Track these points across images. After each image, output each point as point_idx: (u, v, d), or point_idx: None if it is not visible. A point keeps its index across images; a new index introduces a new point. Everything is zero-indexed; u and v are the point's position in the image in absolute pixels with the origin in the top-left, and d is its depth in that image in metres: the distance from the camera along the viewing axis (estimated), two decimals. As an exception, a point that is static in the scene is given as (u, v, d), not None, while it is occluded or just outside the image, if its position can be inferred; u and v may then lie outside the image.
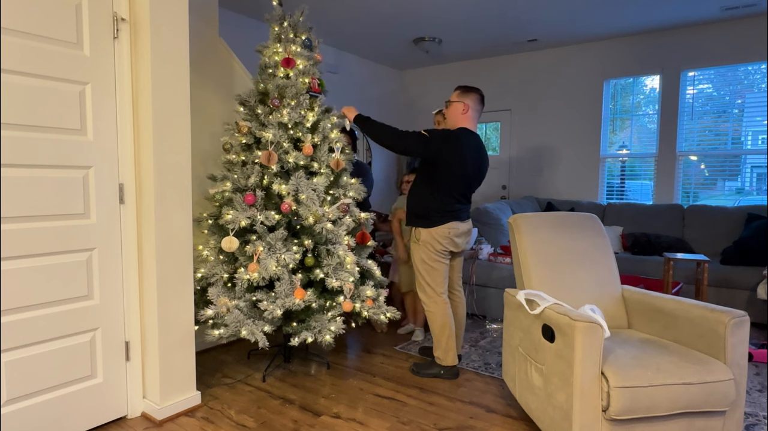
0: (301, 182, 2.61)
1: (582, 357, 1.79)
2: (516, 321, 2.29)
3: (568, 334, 1.83)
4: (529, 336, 2.15)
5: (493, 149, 6.35)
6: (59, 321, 2.04)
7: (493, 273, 3.80)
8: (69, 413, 2.10)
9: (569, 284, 2.36)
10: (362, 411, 2.40)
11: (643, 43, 5.09)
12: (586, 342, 1.79)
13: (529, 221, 2.44)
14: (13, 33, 1.86)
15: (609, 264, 2.47)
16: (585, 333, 1.78)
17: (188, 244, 2.36)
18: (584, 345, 1.79)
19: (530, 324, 2.13)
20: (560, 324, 1.88)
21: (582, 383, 1.79)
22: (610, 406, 1.77)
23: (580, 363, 1.79)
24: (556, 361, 1.91)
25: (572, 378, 1.80)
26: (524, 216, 2.46)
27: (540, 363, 2.04)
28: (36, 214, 1.96)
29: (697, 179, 5.03)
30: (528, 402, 2.16)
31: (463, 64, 6.28)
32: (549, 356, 1.96)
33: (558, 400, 1.89)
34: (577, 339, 1.79)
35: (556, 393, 1.90)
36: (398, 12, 4.48)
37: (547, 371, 1.98)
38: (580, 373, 1.79)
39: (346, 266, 2.64)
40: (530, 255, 2.36)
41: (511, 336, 2.34)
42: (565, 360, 1.85)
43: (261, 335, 2.49)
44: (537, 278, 2.33)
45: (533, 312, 2.07)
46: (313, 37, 2.88)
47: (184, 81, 2.29)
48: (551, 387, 1.94)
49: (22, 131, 1.91)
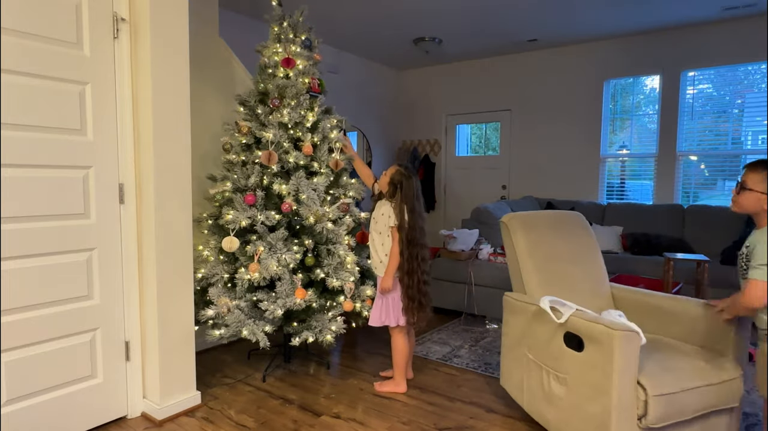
0: (302, 182, 2.61)
1: (621, 367, 1.70)
2: (521, 327, 2.20)
3: (604, 343, 1.73)
4: (545, 343, 2.03)
5: (493, 149, 6.35)
6: (59, 321, 2.04)
7: (493, 273, 3.80)
8: (69, 413, 2.10)
9: (565, 283, 2.32)
10: (362, 411, 2.40)
11: (643, 43, 5.09)
12: (626, 351, 1.70)
13: (523, 220, 2.37)
14: (13, 33, 1.86)
15: (598, 262, 2.49)
16: (624, 342, 1.69)
17: (188, 244, 2.36)
18: (624, 354, 1.70)
19: (548, 331, 2.02)
20: (593, 333, 1.78)
21: (620, 393, 1.71)
22: (647, 414, 1.72)
23: (619, 373, 1.70)
24: (587, 371, 1.81)
25: (610, 388, 1.71)
26: (517, 216, 2.39)
27: (562, 372, 1.93)
28: (36, 214, 1.96)
29: (697, 179, 5.03)
30: (543, 412, 2.05)
31: (463, 64, 6.28)
32: (575, 365, 1.86)
33: (589, 411, 1.80)
34: (616, 348, 1.69)
35: (587, 403, 1.81)
36: (398, 12, 4.48)
37: (572, 381, 1.87)
38: (617, 383, 1.70)
39: (347, 265, 2.64)
40: (528, 256, 2.29)
41: (516, 342, 2.25)
42: (599, 370, 1.75)
43: (262, 335, 2.49)
44: (536, 280, 2.26)
45: (559, 321, 1.93)
46: (313, 37, 2.88)
47: (184, 81, 2.29)
48: (579, 398, 1.85)
49: (22, 131, 1.91)
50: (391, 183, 2.49)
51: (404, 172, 2.49)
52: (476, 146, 6.63)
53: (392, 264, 2.46)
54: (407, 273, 2.45)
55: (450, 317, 3.96)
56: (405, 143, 6.85)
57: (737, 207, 1.89)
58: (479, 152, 6.57)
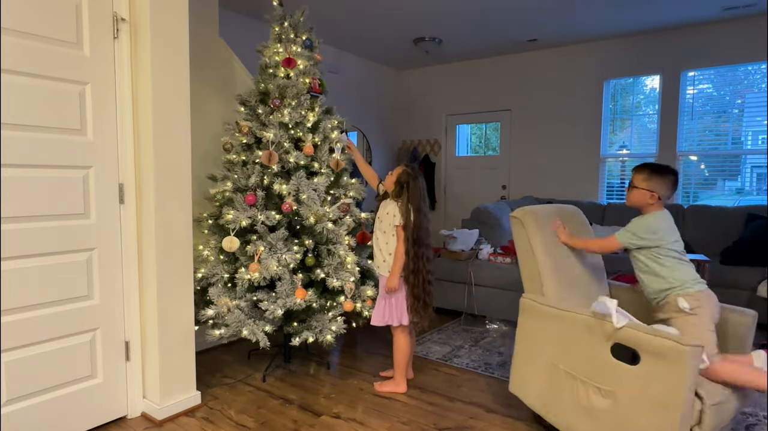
0: (302, 182, 2.61)
1: (689, 382, 1.64)
2: (547, 333, 2.07)
3: (669, 358, 1.66)
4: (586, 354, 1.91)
5: (493, 149, 6.35)
6: (59, 321, 2.04)
7: (493, 273, 3.79)
8: (69, 413, 2.10)
9: (573, 280, 2.25)
10: (362, 411, 2.39)
11: (643, 43, 5.09)
12: (694, 366, 1.64)
13: (536, 215, 2.24)
14: (13, 33, 1.86)
15: (598, 258, 2.49)
16: (692, 357, 1.63)
17: (188, 244, 2.36)
18: (692, 369, 1.64)
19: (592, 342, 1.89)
20: (657, 347, 1.69)
21: (685, 408, 1.66)
22: (702, 424, 1.70)
23: (687, 389, 1.64)
24: (644, 385, 1.73)
25: (676, 403, 1.65)
26: (530, 211, 2.26)
27: (607, 385, 1.82)
28: (36, 214, 1.95)
29: (697, 179, 5.03)
30: (575, 425, 1.94)
31: (463, 64, 6.28)
32: (627, 379, 1.77)
33: (640, 425, 1.73)
34: (686, 364, 1.63)
35: (638, 417, 1.74)
36: (398, 12, 4.48)
37: (622, 394, 1.78)
38: (684, 398, 1.64)
39: (347, 265, 2.64)
40: (546, 254, 2.17)
41: (537, 350, 2.11)
42: (660, 384, 1.68)
43: (262, 335, 2.49)
44: (556, 281, 2.15)
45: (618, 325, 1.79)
46: (314, 37, 2.88)
47: (184, 81, 2.29)
48: (628, 412, 1.77)
49: (22, 131, 1.91)
50: (397, 183, 2.50)
51: (411, 172, 2.51)
52: (476, 146, 6.64)
53: (398, 263, 2.46)
54: (413, 272, 2.46)
55: (450, 317, 3.96)
56: (405, 143, 6.85)
57: (628, 202, 2.22)
58: (479, 152, 6.57)
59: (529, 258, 2.21)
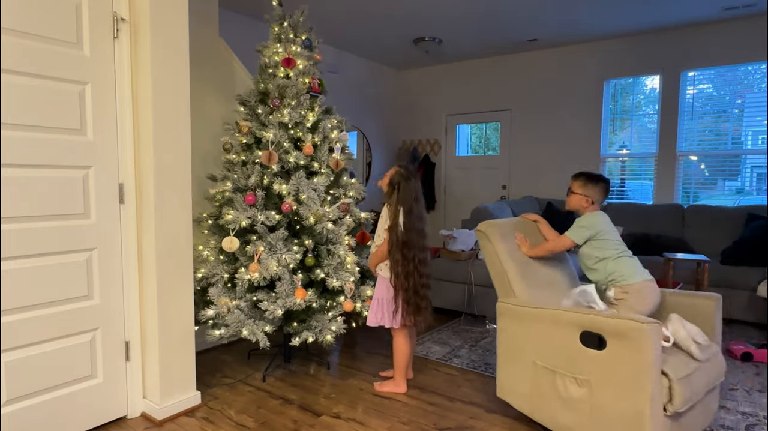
0: (302, 182, 2.61)
1: (653, 360, 1.69)
2: (526, 333, 2.13)
3: (632, 338, 1.71)
4: (559, 346, 1.98)
5: (493, 149, 6.35)
6: (59, 321, 2.04)
7: (493, 273, 3.80)
8: (69, 413, 2.10)
9: (541, 282, 2.36)
10: (362, 411, 2.40)
11: (643, 43, 5.09)
12: (655, 342, 1.69)
13: (500, 227, 2.39)
14: (13, 33, 1.86)
15: (567, 259, 2.59)
16: (654, 334, 1.68)
17: (188, 244, 2.36)
18: (654, 346, 1.68)
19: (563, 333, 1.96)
20: (620, 329, 1.75)
21: (653, 386, 1.70)
22: (673, 400, 1.75)
23: (652, 366, 1.69)
24: (613, 369, 1.78)
25: (644, 382, 1.70)
26: (493, 224, 2.39)
27: (582, 374, 1.89)
28: (36, 214, 1.96)
29: (697, 179, 5.03)
30: (559, 418, 1.99)
31: (463, 64, 6.28)
32: (597, 365, 1.83)
33: (616, 410, 1.78)
34: (647, 342, 1.68)
35: (613, 403, 1.79)
36: (398, 12, 4.48)
37: (596, 381, 1.84)
38: (652, 376, 1.69)
39: (347, 265, 2.64)
40: (511, 259, 2.31)
41: (518, 350, 2.17)
42: (627, 366, 1.74)
43: (262, 335, 2.49)
44: (524, 283, 2.26)
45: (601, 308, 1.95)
46: (313, 37, 2.88)
47: (184, 81, 2.29)
48: (603, 399, 1.82)
49: (22, 131, 1.91)
50: (389, 184, 2.48)
51: (403, 173, 2.47)
52: (476, 146, 6.63)
53: (373, 259, 2.54)
54: (404, 276, 2.40)
55: (450, 317, 3.96)
56: (405, 143, 6.85)
57: (567, 206, 2.44)
58: (479, 152, 6.57)
59: (497, 267, 2.34)
